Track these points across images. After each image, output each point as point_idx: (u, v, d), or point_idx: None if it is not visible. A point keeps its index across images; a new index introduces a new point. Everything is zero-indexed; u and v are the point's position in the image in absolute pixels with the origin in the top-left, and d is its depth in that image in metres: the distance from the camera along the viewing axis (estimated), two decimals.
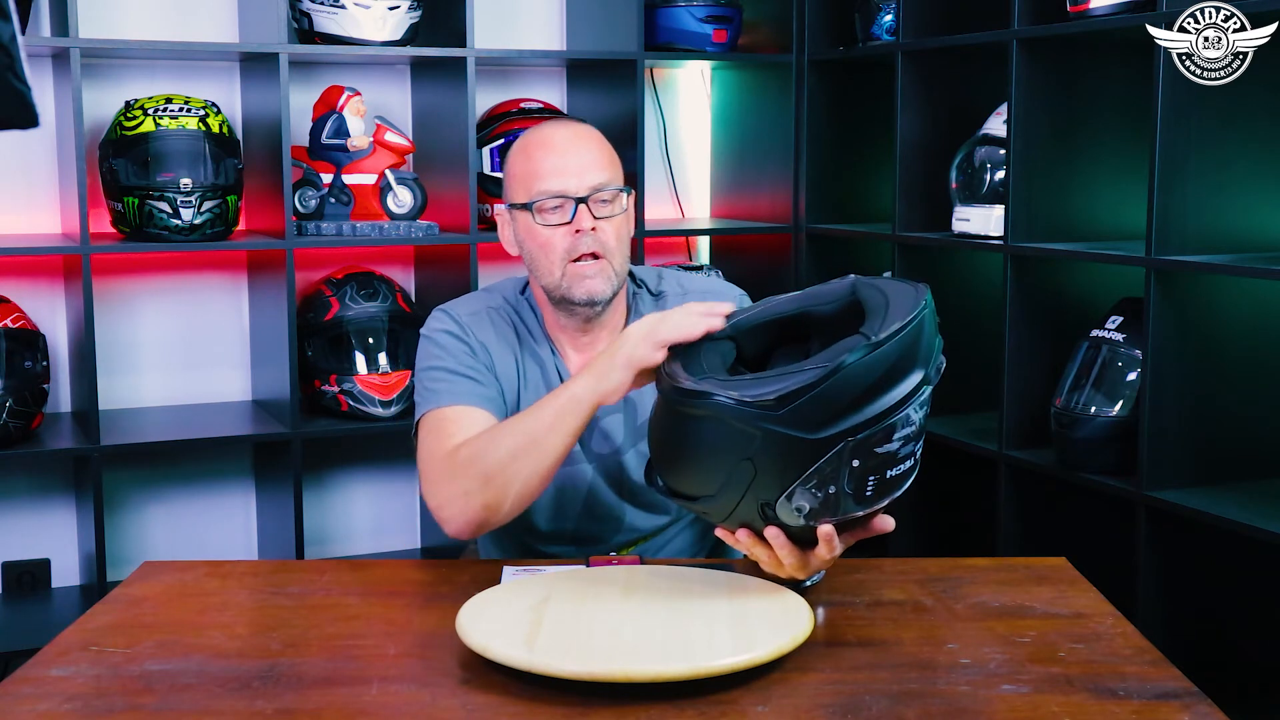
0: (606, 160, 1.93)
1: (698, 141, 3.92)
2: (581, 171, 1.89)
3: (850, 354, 1.42)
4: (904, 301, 1.49)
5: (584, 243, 1.87)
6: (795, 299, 1.63)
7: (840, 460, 1.44)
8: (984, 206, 2.98)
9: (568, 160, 1.90)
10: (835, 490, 1.46)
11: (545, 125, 1.99)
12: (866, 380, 1.43)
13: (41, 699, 1.39)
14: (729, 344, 1.61)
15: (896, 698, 1.38)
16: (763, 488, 1.47)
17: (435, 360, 1.92)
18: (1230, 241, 2.54)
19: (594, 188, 1.89)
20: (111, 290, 3.36)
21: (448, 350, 1.92)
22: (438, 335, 1.94)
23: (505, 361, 1.95)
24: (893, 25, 3.25)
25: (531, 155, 1.92)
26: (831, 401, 1.42)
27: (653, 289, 2.03)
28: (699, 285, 2.06)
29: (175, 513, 3.48)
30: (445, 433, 1.82)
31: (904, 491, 1.52)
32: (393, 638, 1.57)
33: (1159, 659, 1.48)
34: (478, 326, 1.96)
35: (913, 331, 1.45)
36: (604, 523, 1.96)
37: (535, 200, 1.89)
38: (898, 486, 1.50)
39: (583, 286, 1.88)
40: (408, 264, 3.64)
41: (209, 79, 3.40)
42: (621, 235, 1.92)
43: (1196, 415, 2.57)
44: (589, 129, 1.98)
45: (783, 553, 1.53)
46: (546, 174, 1.89)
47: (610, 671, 1.35)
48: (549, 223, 1.89)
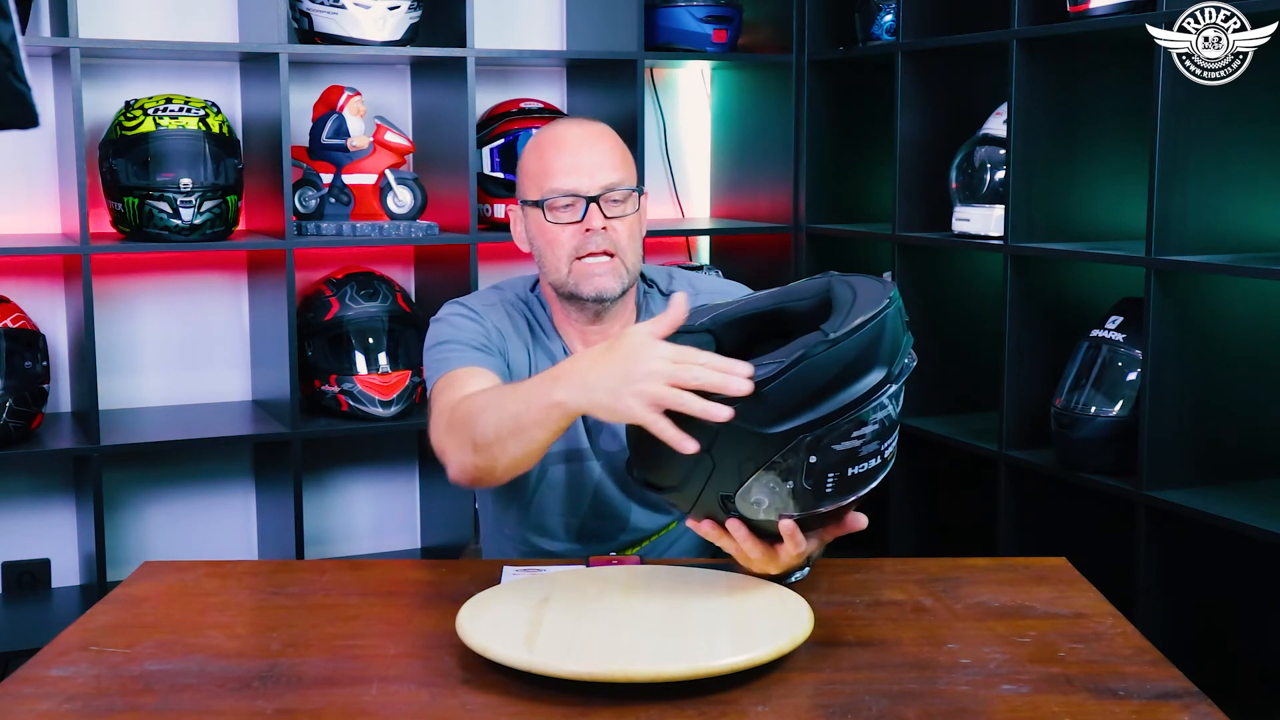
0: (619, 160, 1.93)
1: (698, 141, 3.92)
2: (594, 171, 1.90)
3: (807, 350, 1.42)
4: (870, 299, 1.48)
5: (595, 241, 1.88)
6: (774, 295, 1.64)
7: (797, 456, 1.44)
8: (984, 206, 2.98)
9: (580, 159, 1.90)
10: (794, 486, 1.46)
11: (559, 123, 1.99)
12: (824, 377, 1.42)
13: (41, 699, 1.39)
14: (707, 337, 1.61)
15: (896, 698, 1.37)
16: (721, 481, 1.48)
17: (446, 336, 1.92)
18: (1230, 241, 2.54)
19: (606, 187, 1.89)
20: (111, 290, 3.36)
21: (459, 328, 1.92)
22: (450, 317, 1.95)
23: (518, 350, 1.96)
24: (893, 25, 3.25)
25: (545, 153, 1.93)
26: (787, 397, 1.42)
27: (664, 288, 2.03)
28: (710, 285, 2.06)
29: (175, 513, 3.48)
30: (455, 387, 1.81)
31: (873, 489, 1.51)
32: (393, 638, 1.57)
33: (1159, 659, 1.48)
34: (492, 315, 1.97)
35: (873, 329, 1.44)
36: (610, 521, 1.96)
37: (547, 198, 1.90)
38: (863, 485, 1.50)
39: (591, 284, 1.89)
40: (408, 264, 3.64)
41: (209, 79, 3.40)
42: (634, 234, 1.92)
43: (1196, 415, 2.57)
44: (603, 128, 1.98)
45: (746, 545, 1.53)
46: (559, 172, 1.90)
47: (610, 671, 1.35)
48: (560, 220, 1.89)
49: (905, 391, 1.52)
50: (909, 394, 1.49)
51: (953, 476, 3.22)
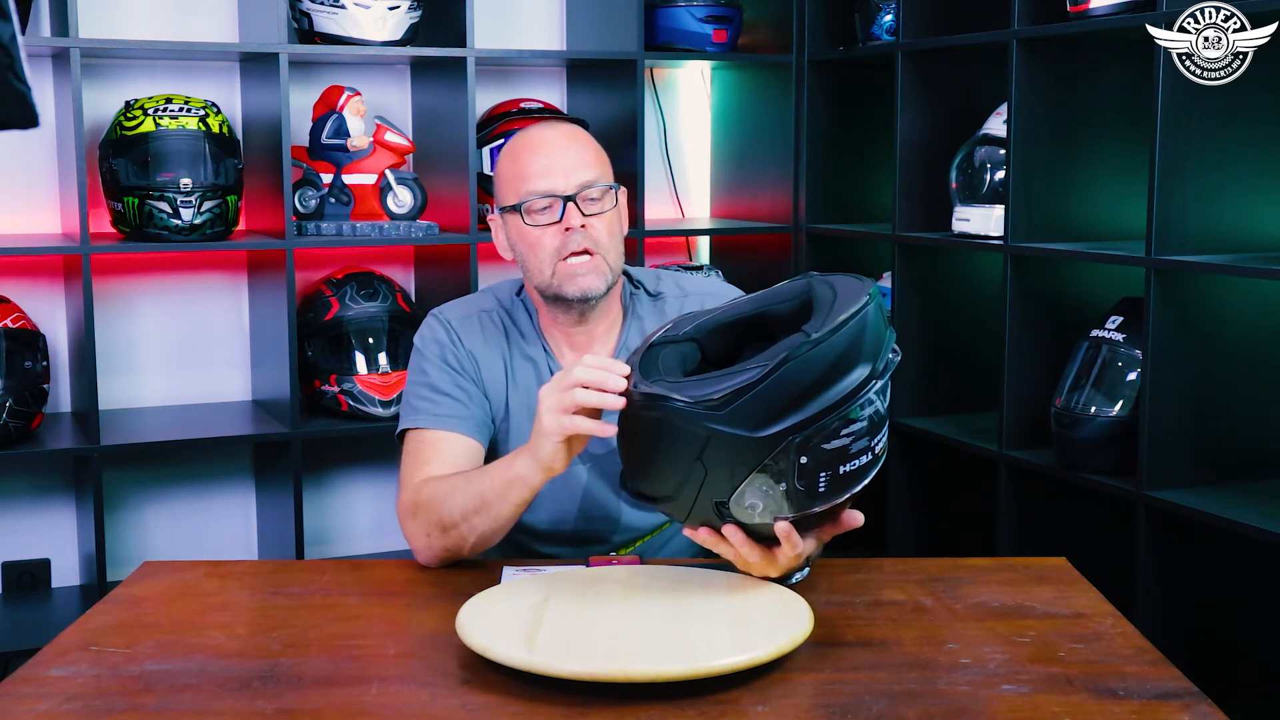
0: (593, 158, 1.93)
1: (698, 141, 3.92)
2: (568, 170, 1.90)
3: (790, 351, 1.42)
4: (850, 297, 1.48)
5: (574, 240, 1.88)
6: (756, 299, 1.64)
7: (788, 457, 1.44)
8: (984, 206, 2.98)
9: (554, 160, 1.90)
10: (787, 487, 1.46)
11: (532, 128, 1.99)
12: (808, 377, 1.43)
13: (41, 699, 1.39)
14: (691, 345, 1.61)
15: (896, 698, 1.38)
16: (715, 487, 1.48)
17: (421, 375, 1.96)
18: (1230, 241, 2.54)
19: (582, 185, 1.89)
20: (111, 290, 3.36)
21: (433, 364, 1.95)
22: (427, 346, 1.98)
23: (493, 366, 1.96)
24: (893, 25, 3.25)
25: (519, 158, 1.93)
26: (773, 399, 1.43)
27: (650, 290, 2.03)
28: (698, 286, 2.06)
29: (175, 513, 3.48)
30: (421, 457, 1.89)
31: (865, 485, 1.51)
32: (393, 638, 1.57)
33: (1159, 659, 1.48)
34: (466, 332, 1.97)
35: (855, 327, 1.45)
36: (601, 522, 1.96)
37: (524, 201, 1.90)
38: (855, 482, 1.50)
39: (575, 284, 1.89)
40: (408, 264, 3.64)
41: (209, 79, 3.40)
42: (613, 231, 1.92)
43: (1196, 415, 2.57)
44: (575, 128, 1.99)
45: (744, 550, 1.54)
46: (534, 175, 1.90)
47: (610, 671, 1.35)
48: (538, 223, 1.89)
49: (906, 391, 1.52)
50: (910, 394, 1.50)
51: (953, 476, 3.22)
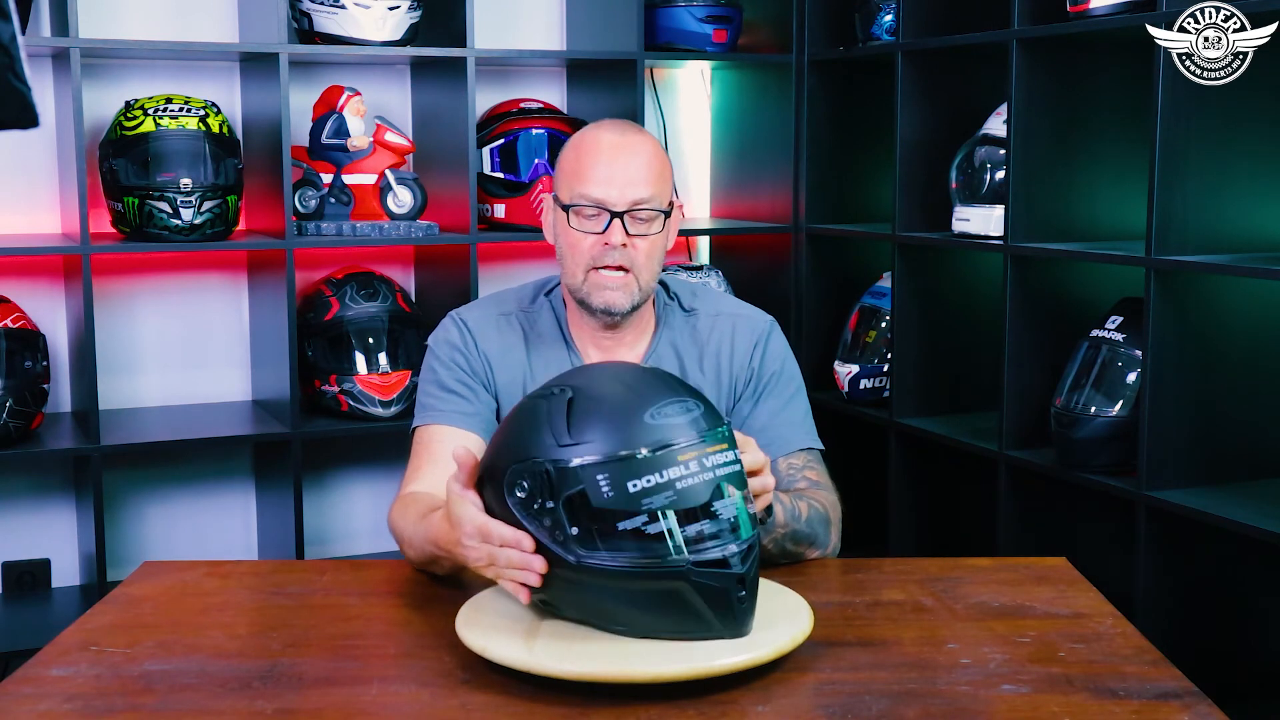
0: (654, 175, 1.87)
1: (698, 141, 3.92)
2: (625, 185, 1.85)
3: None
4: None
5: (611, 255, 1.85)
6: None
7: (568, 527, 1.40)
8: (984, 206, 2.98)
9: (615, 170, 1.85)
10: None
11: (604, 125, 1.93)
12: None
13: (41, 699, 1.39)
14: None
15: (896, 698, 1.38)
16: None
17: (431, 374, 1.96)
18: (1230, 241, 2.54)
19: (634, 203, 1.85)
20: (111, 290, 3.36)
21: (442, 364, 1.94)
22: (440, 347, 1.97)
23: (510, 369, 1.95)
24: (893, 25, 3.25)
25: (582, 155, 1.88)
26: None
27: (685, 305, 2.00)
28: (732, 308, 2.03)
29: (175, 513, 3.48)
30: (423, 456, 1.88)
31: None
32: (393, 638, 1.57)
33: (1159, 659, 1.48)
34: (482, 334, 1.96)
35: None
36: None
37: (574, 204, 1.87)
38: None
39: (602, 296, 1.87)
40: (408, 264, 3.64)
41: (209, 79, 3.40)
42: (653, 253, 1.88)
43: (1196, 415, 2.57)
44: (646, 139, 1.92)
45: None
46: (591, 179, 1.85)
47: (610, 671, 1.35)
48: (583, 228, 1.86)
49: (906, 391, 1.51)
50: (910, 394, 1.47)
51: (953, 476, 3.22)
